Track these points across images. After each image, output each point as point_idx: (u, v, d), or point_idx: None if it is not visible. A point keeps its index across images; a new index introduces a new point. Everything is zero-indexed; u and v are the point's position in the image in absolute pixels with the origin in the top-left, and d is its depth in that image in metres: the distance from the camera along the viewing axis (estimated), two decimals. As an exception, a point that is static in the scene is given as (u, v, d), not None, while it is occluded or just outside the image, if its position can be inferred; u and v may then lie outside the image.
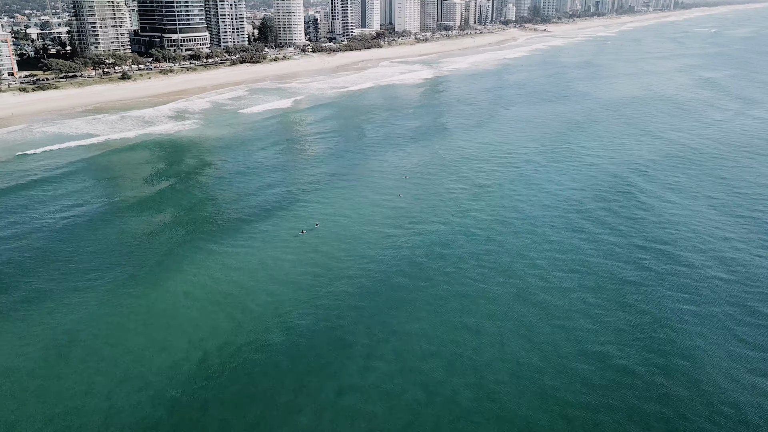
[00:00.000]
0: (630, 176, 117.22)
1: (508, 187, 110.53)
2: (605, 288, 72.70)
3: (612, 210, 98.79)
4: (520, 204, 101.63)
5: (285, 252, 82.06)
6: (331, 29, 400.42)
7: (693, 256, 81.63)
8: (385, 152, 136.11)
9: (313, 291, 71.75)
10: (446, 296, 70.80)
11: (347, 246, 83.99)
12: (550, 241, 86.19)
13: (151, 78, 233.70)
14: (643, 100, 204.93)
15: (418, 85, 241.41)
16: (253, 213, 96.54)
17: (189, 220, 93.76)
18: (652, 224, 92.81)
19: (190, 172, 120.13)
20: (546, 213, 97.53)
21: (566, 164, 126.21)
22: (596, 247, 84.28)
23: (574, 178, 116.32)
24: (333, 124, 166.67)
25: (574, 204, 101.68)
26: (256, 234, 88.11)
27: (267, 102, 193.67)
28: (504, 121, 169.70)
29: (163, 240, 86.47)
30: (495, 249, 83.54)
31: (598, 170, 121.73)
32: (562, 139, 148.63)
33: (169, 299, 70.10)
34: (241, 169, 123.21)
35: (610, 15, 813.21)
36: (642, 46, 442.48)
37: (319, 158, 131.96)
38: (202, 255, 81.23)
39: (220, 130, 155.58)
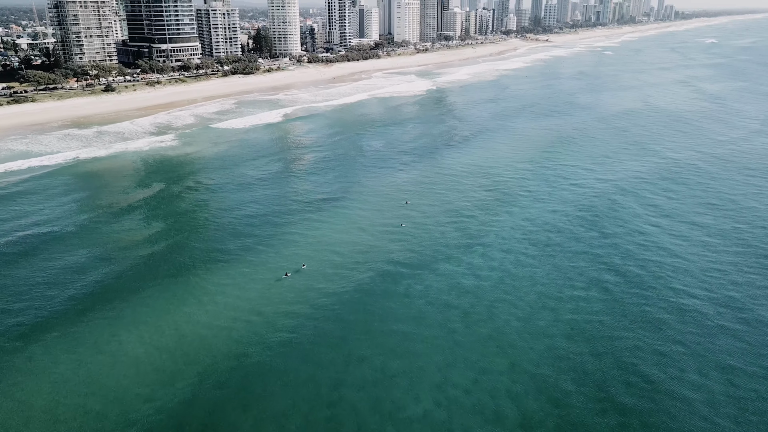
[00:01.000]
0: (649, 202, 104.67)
1: (518, 214, 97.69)
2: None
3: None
4: (534, 235, 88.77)
5: (263, 303, 68.78)
6: (328, 39, 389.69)
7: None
8: (383, 172, 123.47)
9: (292, 359, 58.68)
10: (454, 361, 57.74)
11: (339, 294, 70.80)
12: (575, 298, 73.22)
13: (137, 90, 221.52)
14: (651, 115, 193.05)
15: (416, 97, 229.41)
16: (229, 251, 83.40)
17: (150, 260, 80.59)
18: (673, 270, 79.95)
19: (159, 197, 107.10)
20: (571, 252, 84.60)
21: (579, 189, 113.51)
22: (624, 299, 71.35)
23: (594, 207, 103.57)
24: (326, 140, 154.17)
25: (599, 242, 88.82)
26: (231, 278, 74.92)
27: (255, 116, 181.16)
28: (508, 137, 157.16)
29: (116, 282, 73.33)
30: (508, 298, 70.47)
31: (619, 193, 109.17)
32: (569, 156, 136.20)
33: (118, 361, 57.01)
34: (220, 194, 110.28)
35: (611, 25, 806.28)
36: (644, 56, 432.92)
37: (309, 180, 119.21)
38: (164, 304, 68.10)
39: (201, 147, 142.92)
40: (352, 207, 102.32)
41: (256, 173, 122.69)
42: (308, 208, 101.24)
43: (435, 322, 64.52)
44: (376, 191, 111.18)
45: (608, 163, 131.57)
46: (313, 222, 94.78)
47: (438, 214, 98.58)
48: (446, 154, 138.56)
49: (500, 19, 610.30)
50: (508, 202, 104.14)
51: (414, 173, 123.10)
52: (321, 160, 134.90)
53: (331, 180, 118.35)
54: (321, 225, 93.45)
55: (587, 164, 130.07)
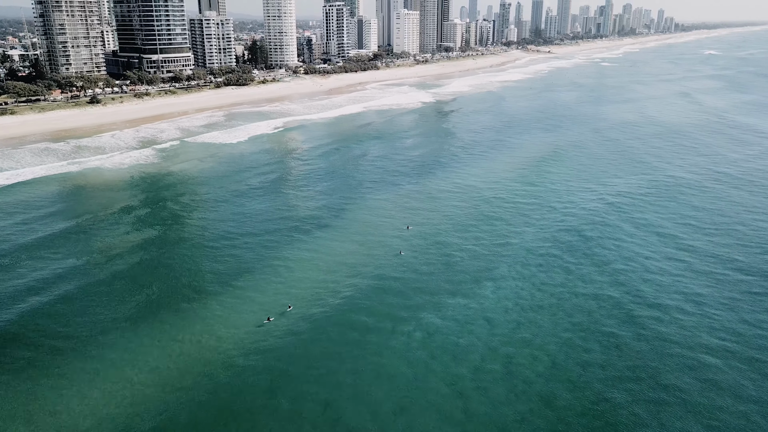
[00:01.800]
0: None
1: (531, 240, 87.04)
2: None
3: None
4: (551, 265, 78.04)
5: (237, 356, 57.86)
6: (326, 50, 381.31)
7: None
8: (381, 191, 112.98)
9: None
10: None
11: (326, 345, 59.86)
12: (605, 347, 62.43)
13: (124, 102, 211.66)
14: (664, 131, 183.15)
15: (415, 110, 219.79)
16: (202, 288, 72.47)
17: (110, 298, 69.80)
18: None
19: (127, 221, 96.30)
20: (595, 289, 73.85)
21: (592, 211, 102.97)
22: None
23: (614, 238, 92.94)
24: (319, 156, 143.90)
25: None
26: (201, 324, 63.97)
27: (244, 129, 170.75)
28: (512, 152, 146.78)
29: (68, 324, 62.53)
30: (527, 350, 59.62)
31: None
32: (577, 174, 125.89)
33: (62, 422, 46.18)
34: (198, 217, 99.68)
35: (612, 37, 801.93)
36: (648, 68, 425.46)
37: (300, 200, 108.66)
38: (118, 358, 57.26)
39: (183, 163, 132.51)
40: (347, 232, 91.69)
41: (241, 193, 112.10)
42: (298, 234, 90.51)
43: (440, 383, 53.56)
44: (374, 213, 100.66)
45: (621, 183, 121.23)
46: (302, 251, 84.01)
47: (441, 240, 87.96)
48: (448, 171, 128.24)
49: (501, 30, 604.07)
50: (519, 226, 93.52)
51: (414, 192, 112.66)
52: (313, 177, 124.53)
53: (325, 200, 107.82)
54: (311, 254, 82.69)
55: (598, 183, 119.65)
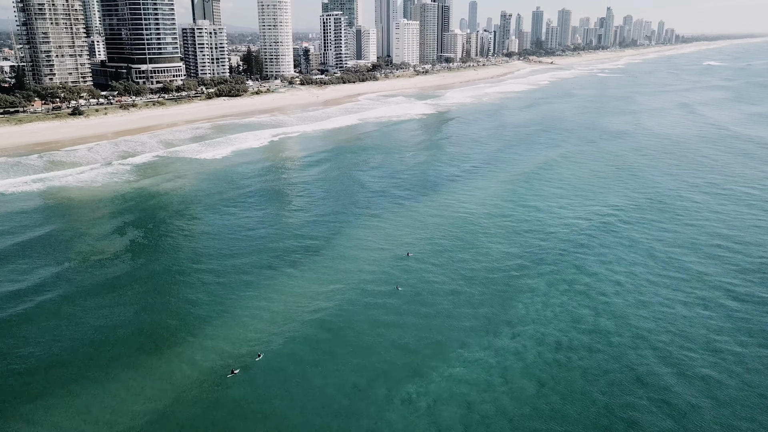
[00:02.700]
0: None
1: (549, 272, 75.32)
2: None
3: None
4: (576, 306, 66.27)
5: (193, 417, 46.08)
6: (323, 61, 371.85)
7: None
8: (378, 211, 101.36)
9: None
10: None
11: (298, 412, 48.05)
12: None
13: (108, 114, 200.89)
14: (680, 147, 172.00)
15: (414, 121, 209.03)
16: (155, 331, 60.72)
17: (53, 346, 58.02)
18: None
19: (86, 250, 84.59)
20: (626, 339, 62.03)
21: (612, 238, 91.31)
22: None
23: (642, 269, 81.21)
24: (311, 171, 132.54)
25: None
26: (151, 376, 52.21)
27: (231, 143, 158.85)
28: (517, 169, 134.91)
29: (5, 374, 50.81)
30: (551, 426, 47.72)
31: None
32: (583, 195, 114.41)
33: None
34: (168, 245, 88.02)
35: (613, 48, 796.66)
36: (653, 78, 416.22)
37: (286, 222, 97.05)
38: (60, 416, 45.38)
39: (158, 181, 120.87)
40: (337, 261, 79.95)
41: (219, 214, 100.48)
42: (280, 263, 78.79)
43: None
44: (370, 237, 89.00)
45: (629, 203, 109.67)
46: (284, 284, 72.28)
47: (446, 271, 76.27)
48: (449, 189, 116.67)
49: (502, 41, 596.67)
50: (534, 252, 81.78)
51: (414, 212, 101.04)
52: (301, 197, 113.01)
53: (313, 223, 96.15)
54: (294, 288, 70.92)
55: (606, 204, 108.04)
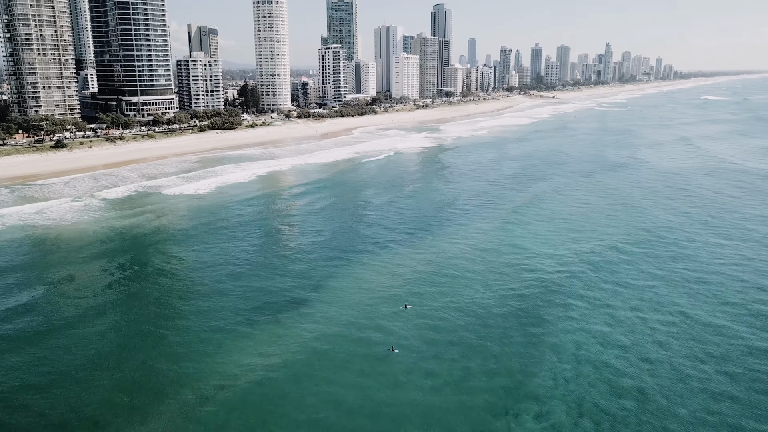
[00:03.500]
0: None
1: (570, 332, 63.41)
2: None
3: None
4: (604, 378, 54.18)
5: None
6: (322, 95, 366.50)
7: None
8: (372, 256, 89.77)
9: None
10: None
11: None
12: None
13: (93, 146, 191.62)
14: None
15: (412, 156, 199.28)
16: (89, 416, 48.55)
17: None
18: None
19: (36, 302, 73.10)
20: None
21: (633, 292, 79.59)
22: None
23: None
24: (301, 208, 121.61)
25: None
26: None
27: (218, 177, 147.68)
28: (521, 209, 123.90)
29: None
30: None
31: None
32: (604, 237, 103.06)
33: None
34: (131, 295, 76.34)
35: (613, 83, 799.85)
36: (657, 111, 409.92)
37: (268, 268, 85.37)
38: None
39: (132, 219, 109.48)
40: (325, 313, 68.19)
41: (194, 258, 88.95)
42: (256, 315, 67.03)
43: None
44: (361, 284, 77.33)
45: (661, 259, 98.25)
46: (259, 343, 60.47)
47: (450, 326, 64.48)
48: (449, 229, 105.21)
49: (502, 76, 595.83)
50: (551, 303, 69.97)
51: (410, 256, 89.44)
52: (289, 236, 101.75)
53: (300, 267, 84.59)
54: (270, 349, 59.03)
55: (617, 249, 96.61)
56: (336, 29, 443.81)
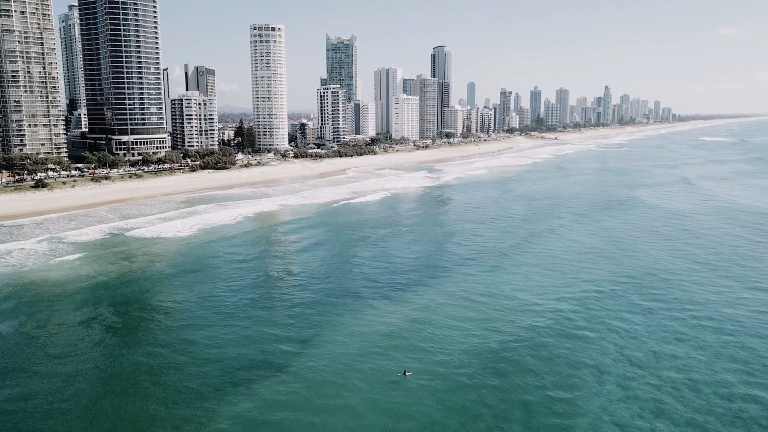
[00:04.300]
0: None
1: (587, 409, 51.26)
2: None
3: None
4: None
5: None
6: (320, 135, 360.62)
7: None
8: (362, 310, 77.79)
9: None
10: None
11: None
12: None
13: (76, 186, 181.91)
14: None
15: (411, 196, 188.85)
16: None
17: None
18: None
19: None
20: None
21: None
22: None
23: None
24: (284, 259, 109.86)
25: None
26: None
27: (202, 218, 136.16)
28: (526, 257, 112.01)
29: None
30: None
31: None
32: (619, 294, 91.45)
33: None
34: (92, 353, 64.38)
35: (613, 125, 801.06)
36: (657, 152, 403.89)
37: (242, 322, 73.47)
38: None
39: (99, 265, 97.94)
40: (309, 382, 56.17)
41: (165, 312, 77.17)
42: (227, 384, 54.95)
43: None
44: (353, 346, 65.30)
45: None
46: (230, 421, 48.16)
47: (458, 400, 52.50)
48: (448, 278, 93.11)
49: (502, 118, 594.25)
50: (571, 368, 57.92)
51: (407, 312, 77.27)
52: (272, 286, 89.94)
53: (282, 324, 72.61)
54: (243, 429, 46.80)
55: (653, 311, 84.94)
56: (335, 71, 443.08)
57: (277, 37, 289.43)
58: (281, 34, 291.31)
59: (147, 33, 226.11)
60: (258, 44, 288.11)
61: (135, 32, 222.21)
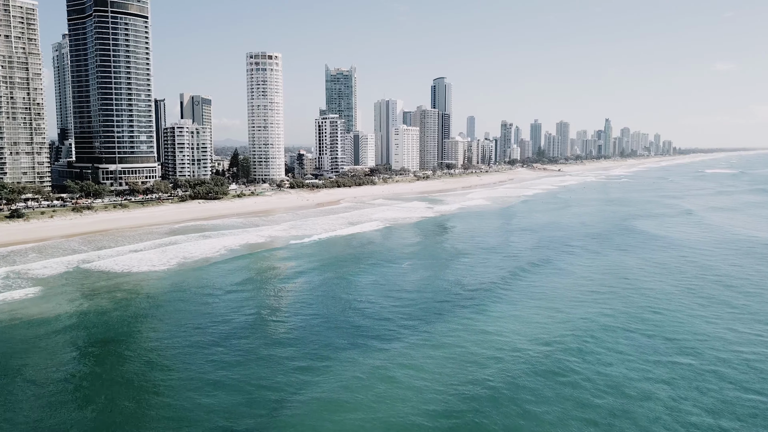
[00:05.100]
0: None
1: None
2: None
3: None
4: None
5: None
6: (318, 165, 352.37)
7: None
8: (365, 359, 66.18)
9: None
10: None
11: None
12: None
13: (55, 216, 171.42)
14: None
15: (412, 226, 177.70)
16: None
17: None
18: None
19: None
20: None
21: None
22: None
23: None
24: (268, 294, 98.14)
25: None
26: None
27: (181, 251, 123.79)
28: (531, 295, 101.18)
29: None
30: None
31: None
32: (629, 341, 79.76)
33: None
34: (32, 398, 52.70)
35: (615, 158, 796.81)
36: (663, 183, 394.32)
37: (221, 369, 61.76)
38: None
39: (57, 303, 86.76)
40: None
41: (125, 359, 65.52)
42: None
43: None
44: (348, 406, 53.53)
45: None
46: None
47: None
48: (455, 318, 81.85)
49: (503, 150, 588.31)
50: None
51: (413, 358, 65.75)
52: (255, 330, 78.15)
53: (266, 373, 60.92)
54: None
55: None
56: (335, 102, 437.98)
57: (274, 65, 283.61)
58: (278, 62, 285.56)
59: (138, 59, 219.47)
60: (254, 72, 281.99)
61: (125, 59, 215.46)
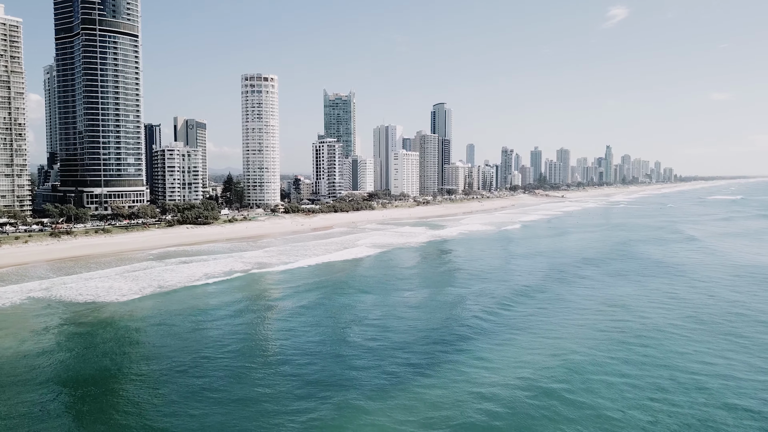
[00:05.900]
0: None
1: None
2: None
3: None
4: None
5: None
6: (315, 190, 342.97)
7: None
8: (360, 401, 54.79)
9: None
10: None
11: None
12: None
13: (30, 242, 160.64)
14: None
15: (410, 252, 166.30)
16: None
17: None
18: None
19: None
20: None
21: None
22: None
23: None
24: (249, 335, 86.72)
25: None
26: None
27: (159, 279, 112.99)
28: (537, 331, 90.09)
29: None
30: None
31: None
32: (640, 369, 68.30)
33: None
34: None
35: (617, 185, 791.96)
36: (667, 209, 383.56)
37: (199, 423, 50.26)
38: None
39: (10, 338, 75.62)
40: None
41: (89, 399, 54.00)
42: None
43: None
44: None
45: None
46: None
47: None
48: (450, 355, 70.66)
49: (504, 176, 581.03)
50: None
51: (413, 399, 54.29)
52: (234, 373, 66.66)
53: (250, 423, 49.38)
54: None
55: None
56: (333, 127, 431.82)
57: (269, 87, 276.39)
58: (274, 84, 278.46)
59: (127, 79, 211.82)
60: (249, 95, 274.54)
61: (114, 79, 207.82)
